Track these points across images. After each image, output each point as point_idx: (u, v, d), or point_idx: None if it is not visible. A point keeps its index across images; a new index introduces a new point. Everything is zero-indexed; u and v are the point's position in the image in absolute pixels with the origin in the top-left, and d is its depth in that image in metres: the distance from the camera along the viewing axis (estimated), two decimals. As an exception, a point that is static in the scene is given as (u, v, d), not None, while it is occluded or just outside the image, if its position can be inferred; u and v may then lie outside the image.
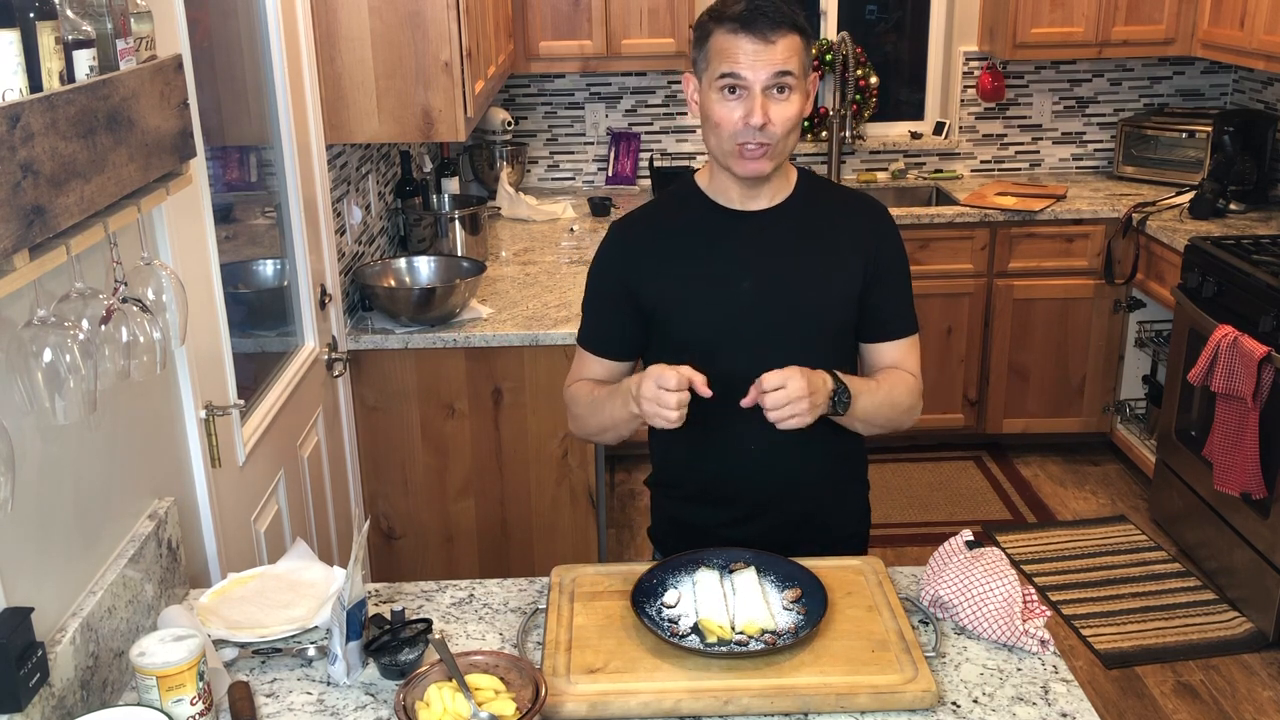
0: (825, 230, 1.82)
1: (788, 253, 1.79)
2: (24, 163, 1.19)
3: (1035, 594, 1.65)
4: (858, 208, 1.87)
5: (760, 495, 1.87)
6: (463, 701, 1.38)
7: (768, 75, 1.64)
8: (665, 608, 1.63)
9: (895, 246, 1.86)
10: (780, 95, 1.67)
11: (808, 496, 1.89)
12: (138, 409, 1.74)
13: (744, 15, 1.64)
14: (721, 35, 1.66)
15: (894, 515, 4.06)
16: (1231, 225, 3.94)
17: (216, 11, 2.33)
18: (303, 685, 1.55)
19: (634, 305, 1.83)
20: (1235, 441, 3.24)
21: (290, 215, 2.61)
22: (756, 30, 1.63)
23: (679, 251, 1.81)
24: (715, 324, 1.79)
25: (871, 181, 4.66)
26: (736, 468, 1.86)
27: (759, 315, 1.78)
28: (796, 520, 1.89)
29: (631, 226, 1.89)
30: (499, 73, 3.63)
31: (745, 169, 1.72)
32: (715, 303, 1.79)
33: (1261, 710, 2.99)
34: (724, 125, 1.68)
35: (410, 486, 3.09)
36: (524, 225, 4.15)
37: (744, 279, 1.78)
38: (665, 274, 1.81)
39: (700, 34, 1.71)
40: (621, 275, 1.84)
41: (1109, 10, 4.21)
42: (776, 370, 1.64)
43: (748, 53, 1.64)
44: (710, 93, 1.69)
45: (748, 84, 1.65)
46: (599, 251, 1.89)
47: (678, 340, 1.82)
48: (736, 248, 1.79)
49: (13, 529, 1.35)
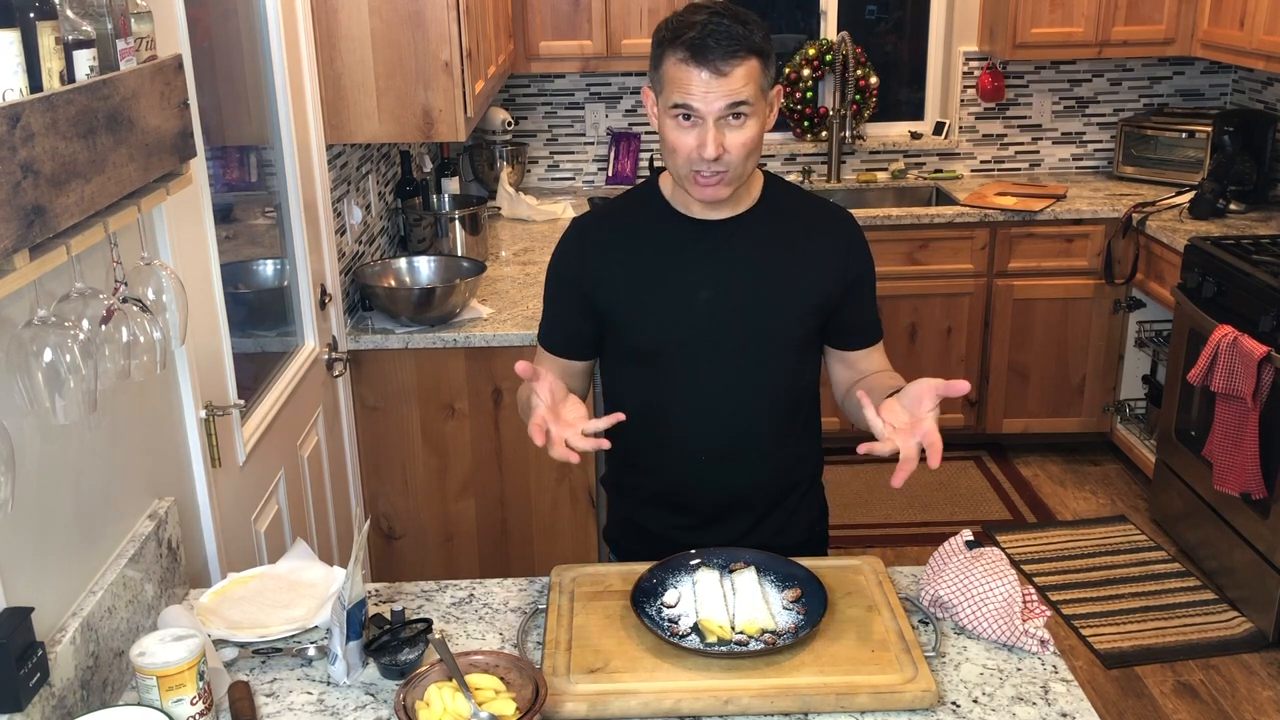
0: (792, 240, 1.79)
1: (749, 263, 1.76)
2: (24, 163, 1.19)
3: (1035, 594, 1.65)
4: (827, 218, 1.84)
5: (714, 500, 1.86)
6: (463, 701, 1.38)
7: (721, 107, 1.59)
8: (665, 607, 1.63)
9: (865, 257, 1.84)
10: (735, 122, 1.61)
11: (762, 501, 1.88)
12: (138, 409, 1.74)
13: (695, 43, 1.57)
14: (673, 64, 1.60)
15: (894, 515, 4.06)
16: (1231, 225, 3.94)
17: (216, 11, 2.33)
18: (303, 685, 1.55)
19: (590, 307, 1.80)
20: (1235, 441, 3.24)
21: (290, 215, 2.61)
22: (709, 62, 1.57)
23: (637, 257, 1.78)
24: (670, 333, 1.77)
25: (871, 181, 4.66)
26: (689, 474, 1.85)
27: (715, 326, 1.76)
28: (752, 524, 1.88)
29: (592, 227, 1.85)
30: (499, 73, 3.63)
31: (702, 195, 1.68)
32: (671, 312, 1.76)
33: (1261, 710, 2.99)
34: (679, 151, 1.64)
35: (410, 486, 3.09)
36: (524, 225, 4.15)
37: (702, 289, 1.75)
38: (622, 279, 1.78)
39: (655, 53, 1.65)
40: (579, 276, 1.81)
41: (1109, 10, 4.21)
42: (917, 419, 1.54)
43: (700, 84, 1.58)
44: (665, 117, 1.65)
45: (701, 114, 1.60)
46: (558, 248, 1.86)
47: (632, 347, 1.81)
48: (696, 257, 1.76)
49: (13, 529, 1.35)
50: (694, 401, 1.79)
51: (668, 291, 1.76)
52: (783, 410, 1.83)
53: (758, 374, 1.78)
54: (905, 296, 4.21)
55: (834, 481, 4.32)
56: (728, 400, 1.79)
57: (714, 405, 1.79)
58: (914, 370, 4.50)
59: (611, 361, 1.87)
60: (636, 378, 1.83)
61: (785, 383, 1.82)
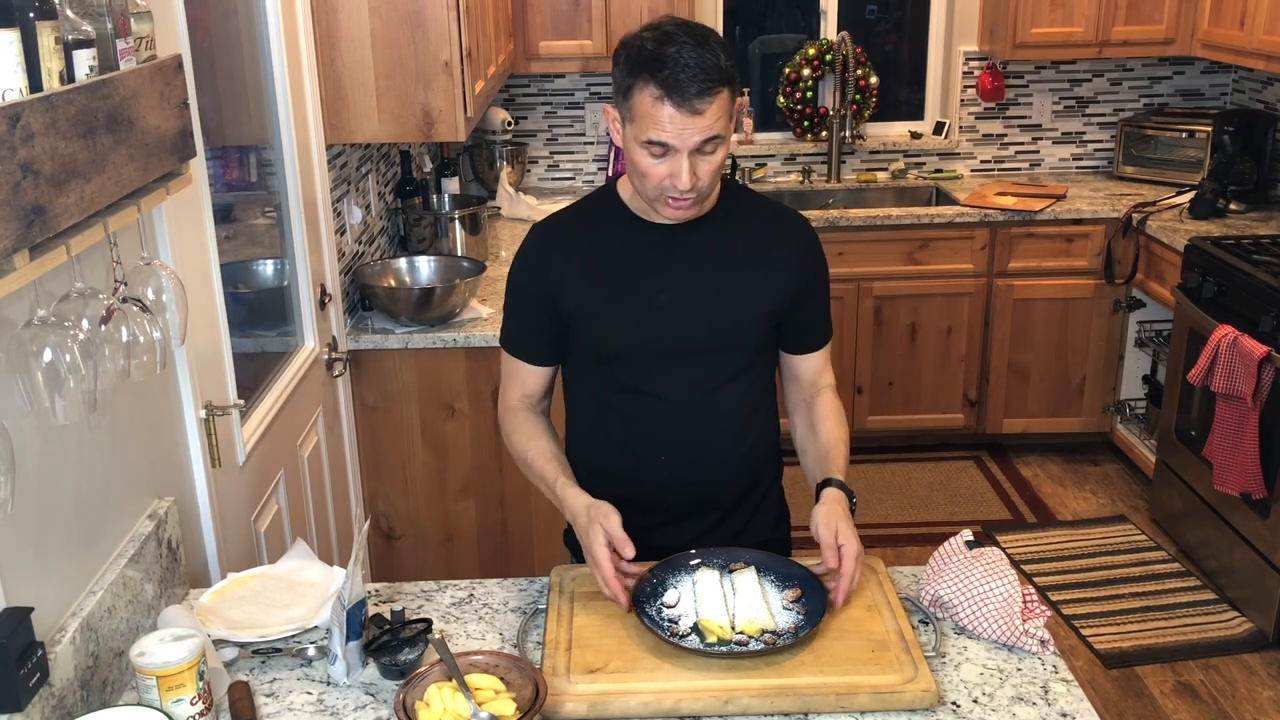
0: (748, 244, 1.80)
1: (708, 266, 1.78)
2: (24, 163, 1.20)
3: (1035, 594, 1.65)
4: (783, 224, 1.86)
5: (675, 501, 1.87)
6: (463, 701, 1.38)
7: (696, 142, 1.60)
8: (665, 607, 1.63)
9: (820, 261, 1.87)
10: (708, 149, 1.62)
11: (722, 501, 1.89)
12: (138, 409, 1.74)
13: (669, 82, 1.55)
14: (647, 99, 1.57)
15: (894, 515, 4.06)
16: (1231, 225, 3.94)
17: (216, 11, 2.33)
18: (303, 685, 1.55)
19: (553, 312, 1.82)
20: (1235, 441, 3.24)
21: (290, 215, 2.61)
22: (684, 102, 1.55)
23: (597, 262, 1.79)
24: (632, 336, 1.78)
25: (871, 181, 4.66)
26: (649, 475, 1.85)
27: (676, 328, 1.77)
28: (713, 524, 1.89)
29: (551, 232, 1.85)
30: (499, 73, 3.63)
31: (673, 216, 1.71)
32: (632, 315, 1.77)
33: (1261, 710, 2.99)
34: (650, 178, 1.64)
35: (410, 486, 3.09)
36: (524, 225, 4.14)
37: (662, 292, 1.77)
38: (582, 284, 1.79)
39: (623, 81, 1.61)
40: (541, 280, 1.82)
41: (1109, 10, 4.21)
42: (834, 532, 1.66)
43: (675, 123, 1.57)
44: (634, 145, 1.64)
45: (675, 148, 1.60)
46: (519, 253, 1.86)
47: (593, 350, 1.82)
48: (655, 261, 1.78)
49: (13, 529, 1.35)
50: (654, 403, 1.81)
51: (628, 295, 1.78)
52: (741, 411, 1.85)
53: (717, 375, 1.81)
54: (905, 296, 4.21)
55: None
56: (688, 401, 1.81)
57: (674, 406, 1.81)
58: (914, 370, 4.54)
59: (573, 363, 1.89)
60: (598, 379, 1.85)
61: (744, 384, 1.84)
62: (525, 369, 1.88)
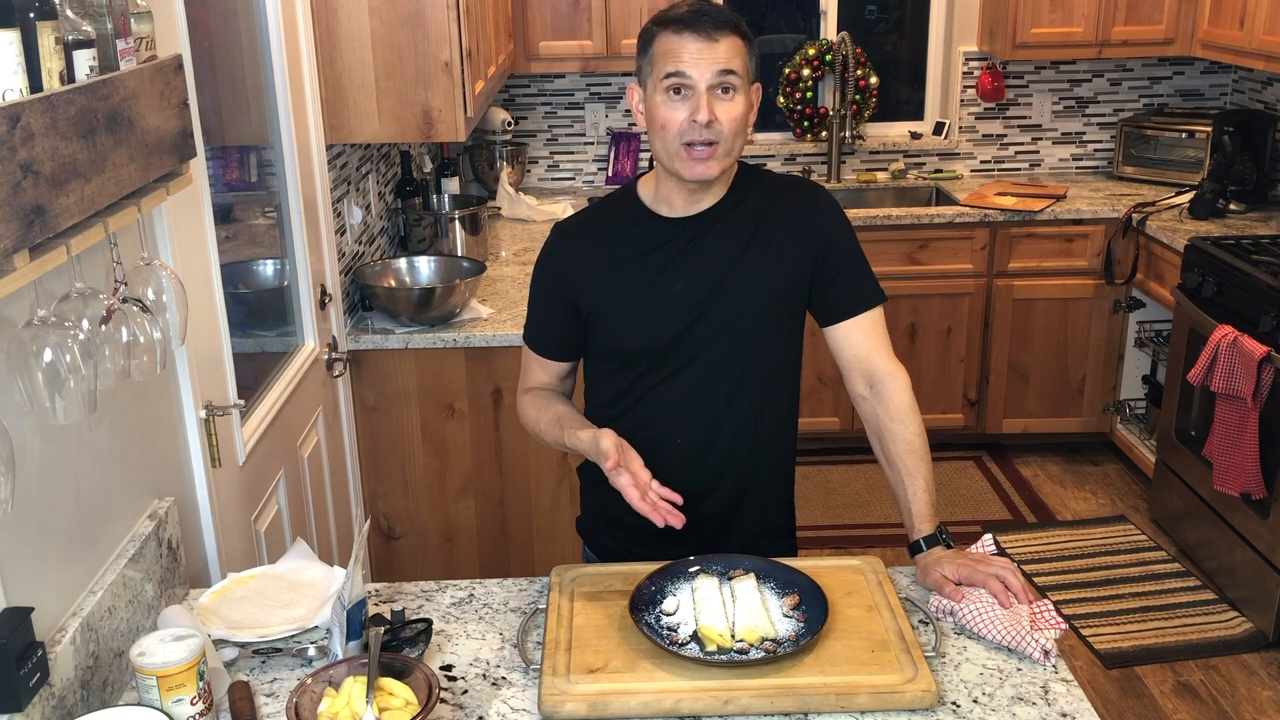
0: (760, 224, 1.81)
1: (720, 253, 1.79)
2: (24, 163, 1.19)
3: (1051, 607, 1.62)
4: (792, 195, 1.86)
5: (689, 493, 1.87)
6: (363, 703, 1.36)
7: (712, 74, 1.66)
8: (664, 615, 1.62)
9: (837, 223, 1.84)
10: (725, 95, 1.68)
11: (735, 493, 1.90)
12: (138, 409, 1.74)
13: (687, 16, 1.67)
14: (666, 37, 1.69)
15: (894, 515, 4.03)
16: (1231, 225, 3.94)
17: (216, 11, 2.33)
18: (303, 685, 1.55)
19: (574, 310, 1.86)
20: (1235, 441, 3.24)
21: (290, 215, 2.61)
22: (700, 29, 1.66)
23: (615, 262, 1.82)
24: (648, 331, 1.81)
25: (871, 182, 4.66)
26: (665, 466, 1.85)
27: (690, 318, 1.79)
28: (723, 513, 1.90)
29: (572, 233, 1.90)
30: (499, 73, 3.63)
31: (693, 171, 1.71)
32: (647, 311, 1.80)
33: (1261, 710, 2.99)
34: (670, 127, 1.69)
35: (410, 486, 3.09)
36: (524, 225, 4.15)
37: (675, 283, 1.79)
38: (601, 284, 1.83)
39: (644, 39, 1.73)
40: (561, 280, 1.86)
41: (1109, 10, 4.21)
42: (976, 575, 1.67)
43: (691, 51, 1.66)
44: (655, 95, 1.70)
45: (692, 83, 1.66)
46: (542, 252, 1.91)
47: (610, 345, 1.86)
48: (669, 254, 1.80)
49: (13, 529, 1.35)
50: (670, 396, 1.83)
51: (643, 290, 1.80)
52: (759, 403, 1.86)
53: (733, 367, 1.82)
54: (905, 296, 4.21)
55: (834, 481, 4.34)
56: (704, 394, 1.83)
57: (691, 399, 1.83)
58: (914, 370, 4.47)
59: (591, 358, 1.92)
60: (615, 373, 1.88)
61: (760, 376, 1.85)
62: (544, 364, 1.94)
